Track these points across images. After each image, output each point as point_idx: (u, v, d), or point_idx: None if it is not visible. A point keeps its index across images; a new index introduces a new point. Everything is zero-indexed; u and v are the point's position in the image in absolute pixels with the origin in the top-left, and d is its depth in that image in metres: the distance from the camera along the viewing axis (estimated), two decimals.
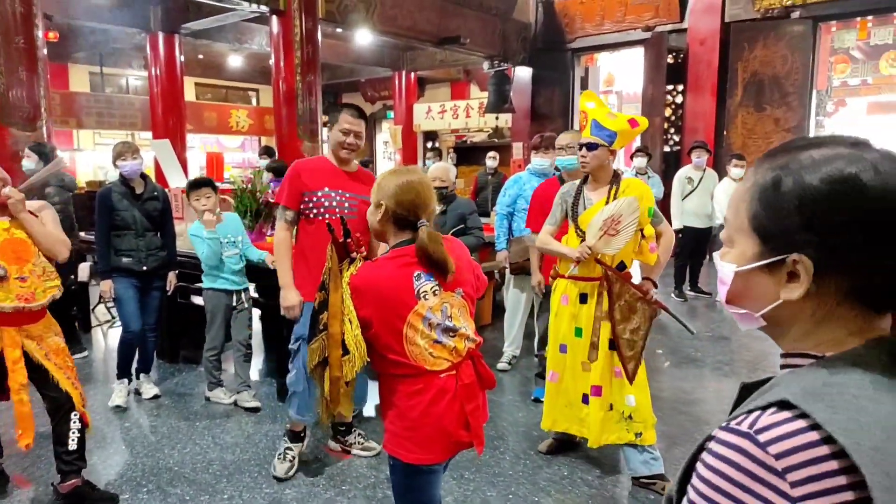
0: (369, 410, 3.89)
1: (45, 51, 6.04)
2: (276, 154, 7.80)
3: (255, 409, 3.94)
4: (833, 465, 0.62)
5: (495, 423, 3.77)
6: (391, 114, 16.22)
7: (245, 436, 3.62)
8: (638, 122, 2.97)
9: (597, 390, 2.99)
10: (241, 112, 15.92)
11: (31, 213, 2.76)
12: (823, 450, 0.62)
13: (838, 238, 0.69)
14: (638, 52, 10.75)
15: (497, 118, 13.24)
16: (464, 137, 15.76)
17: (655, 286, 3.01)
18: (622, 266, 2.97)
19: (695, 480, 0.69)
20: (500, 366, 4.71)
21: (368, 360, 1.84)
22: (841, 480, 0.61)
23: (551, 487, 3.05)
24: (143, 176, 4.00)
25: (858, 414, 0.64)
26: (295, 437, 3.25)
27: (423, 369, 1.81)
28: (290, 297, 3.02)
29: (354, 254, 1.90)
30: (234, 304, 4.01)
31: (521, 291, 4.65)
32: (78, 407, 2.82)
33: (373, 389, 3.39)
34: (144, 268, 3.94)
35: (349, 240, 1.90)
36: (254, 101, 17.16)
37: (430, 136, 16.32)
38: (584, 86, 12.24)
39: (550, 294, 3.22)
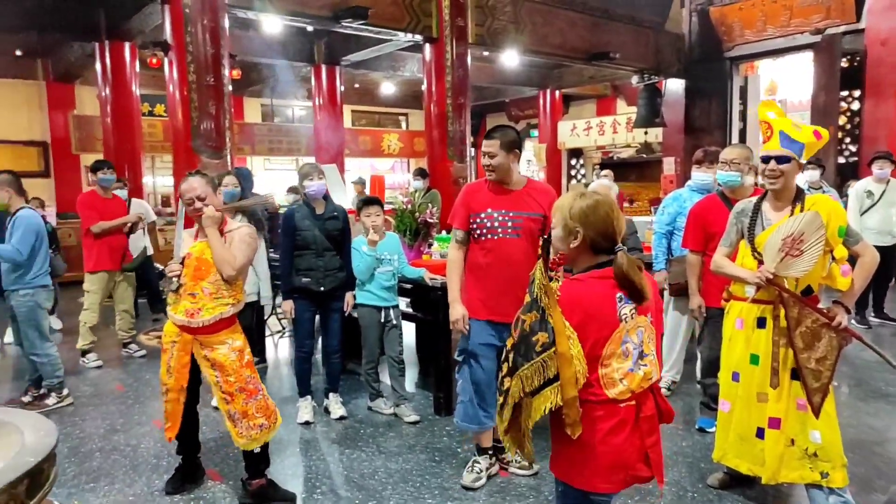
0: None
1: (230, 87, 6.76)
2: (429, 175, 8.09)
3: (414, 422, 4.08)
4: None
5: None
6: (535, 132, 16.26)
7: (407, 446, 3.76)
8: (821, 135, 2.74)
9: (775, 422, 2.77)
10: (393, 136, 16.74)
11: (222, 231, 3.00)
12: None
13: None
14: (805, 58, 9.95)
15: (646, 133, 12.83)
16: (610, 154, 15.41)
17: (849, 312, 2.73)
18: (808, 291, 2.73)
19: None
20: None
21: None
22: None
23: None
24: (325, 196, 4.11)
25: None
26: (480, 450, 3.33)
27: (605, 396, 1.78)
28: (455, 311, 3.14)
29: (553, 272, 1.87)
30: (383, 319, 4.18)
31: (682, 314, 4.44)
32: (247, 420, 2.97)
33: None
34: (322, 288, 3.99)
35: (551, 258, 1.88)
36: (404, 126, 17.96)
37: (575, 153, 16.13)
38: (744, 96, 11.52)
39: (716, 318, 3.03)
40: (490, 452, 3.34)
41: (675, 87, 11.53)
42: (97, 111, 10.38)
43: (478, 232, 3.12)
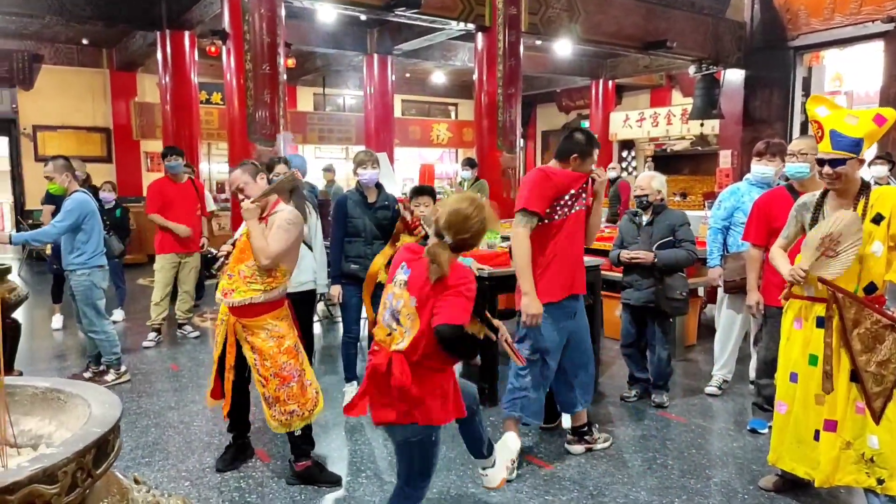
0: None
1: (284, 76, 6.87)
2: (477, 165, 8.06)
3: None
4: None
5: (707, 451, 3.53)
6: (585, 123, 16.01)
7: (450, 435, 3.75)
8: (886, 118, 2.59)
9: (831, 425, 2.68)
10: (442, 126, 16.74)
11: (264, 217, 3.04)
12: None
13: None
14: (875, 48, 9.48)
15: (702, 125, 12.47)
16: (664, 146, 15.05)
17: None
18: (871, 288, 2.62)
19: None
20: (709, 390, 4.41)
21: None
22: None
23: None
24: (378, 185, 4.17)
25: None
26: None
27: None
28: (535, 306, 3.12)
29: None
30: None
31: (737, 312, 4.31)
32: (279, 405, 3.03)
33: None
34: None
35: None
36: (453, 115, 17.94)
37: (627, 145, 15.83)
38: (807, 86, 11.06)
39: (775, 317, 2.94)
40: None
41: (734, 77, 11.15)
42: (157, 99, 10.73)
43: (559, 213, 3.17)
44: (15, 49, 11.34)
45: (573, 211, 3.22)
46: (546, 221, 3.17)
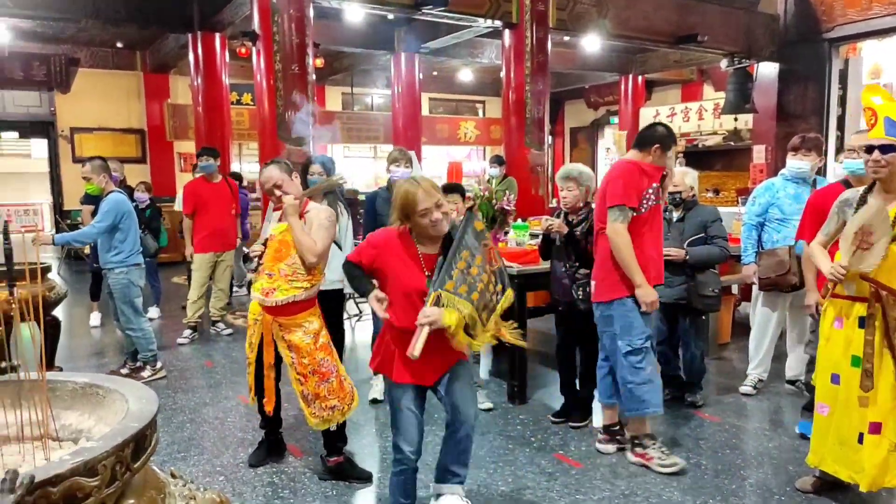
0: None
1: (313, 76, 6.92)
2: (505, 163, 8.02)
3: (488, 410, 4.09)
4: None
5: (742, 451, 3.47)
6: (614, 119, 15.84)
7: (480, 432, 3.77)
8: None
9: (875, 427, 2.61)
10: (469, 123, 16.72)
11: (301, 215, 3.06)
12: None
13: None
14: None
15: (735, 120, 12.25)
16: (695, 141, 14.81)
17: None
18: None
19: None
20: (744, 389, 4.33)
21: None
22: None
23: None
24: None
25: None
26: (649, 436, 3.34)
27: None
28: (650, 293, 3.19)
29: None
30: None
31: (772, 310, 4.23)
32: (319, 401, 3.05)
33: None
34: None
35: None
36: (480, 113, 17.90)
37: None
38: (843, 79, 10.77)
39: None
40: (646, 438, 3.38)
41: (767, 70, 10.92)
42: (189, 100, 10.89)
43: (644, 206, 3.19)
44: (52, 53, 11.64)
45: (655, 204, 3.25)
46: (635, 214, 3.18)
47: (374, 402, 4.25)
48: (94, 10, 8.54)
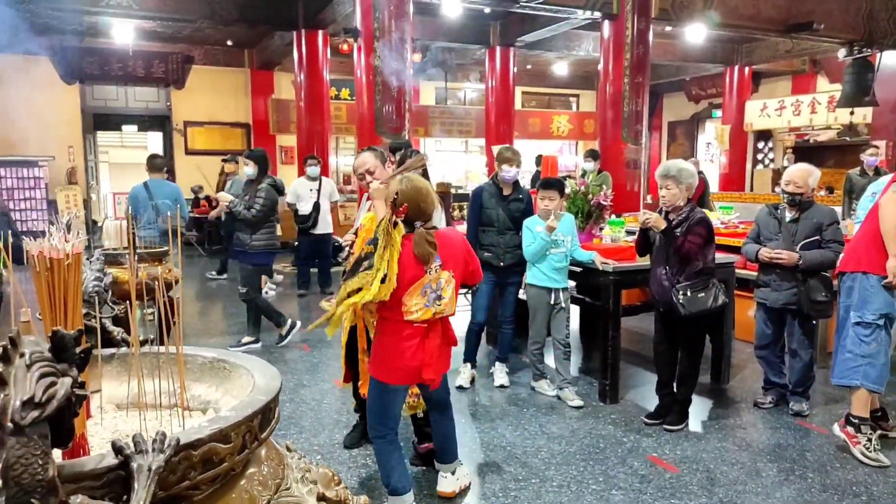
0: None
1: (411, 71, 7.06)
2: (600, 157, 7.87)
3: (577, 407, 4.05)
4: None
5: (853, 467, 3.27)
6: (717, 112, 15.15)
7: (570, 430, 3.75)
8: None
9: None
10: (563, 117, 16.48)
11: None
12: None
13: None
14: None
15: (852, 113, 11.41)
16: (806, 136, 13.93)
17: None
18: None
19: None
20: None
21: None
22: None
23: None
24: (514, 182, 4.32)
25: None
26: (864, 420, 3.36)
27: (402, 318, 2.56)
28: None
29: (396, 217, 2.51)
30: (553, 301, 4.15)
31: None
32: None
33: None
34: (501, 263, 4.24)
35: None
36: (574, 107, 17.60)
37: (763, 135, 14.81)
38: None
39: None
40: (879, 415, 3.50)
41: (891, 60, 10.11)
42: (292, 95, 11.36)
43: None
44: (170, 51, 12.48)
45: None
46: None
47: (461, 388, 4.34)
48: (209, 11, 9.09)
